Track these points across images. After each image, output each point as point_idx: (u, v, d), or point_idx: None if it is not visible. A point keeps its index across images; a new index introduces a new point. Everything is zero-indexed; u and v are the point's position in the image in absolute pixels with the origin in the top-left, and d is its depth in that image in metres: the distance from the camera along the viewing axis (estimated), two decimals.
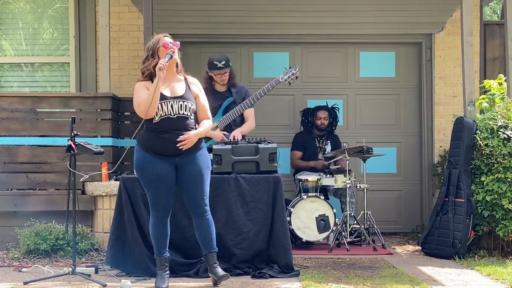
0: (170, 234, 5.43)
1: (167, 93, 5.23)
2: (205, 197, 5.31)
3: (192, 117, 5.26)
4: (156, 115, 5.17)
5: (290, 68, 7.03)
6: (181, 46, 5.48)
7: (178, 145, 5.16)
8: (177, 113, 5.18)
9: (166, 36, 5.35)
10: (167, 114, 5.17)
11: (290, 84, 7.06)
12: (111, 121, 7.31)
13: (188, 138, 5.17)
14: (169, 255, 5.43)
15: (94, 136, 7.21)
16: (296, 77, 7.02)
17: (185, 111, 5.21)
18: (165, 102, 5.17)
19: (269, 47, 8.95)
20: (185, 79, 5.39)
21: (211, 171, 5.52)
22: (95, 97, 7.44)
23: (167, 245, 5.41)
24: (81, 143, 5.68)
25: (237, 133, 6.66)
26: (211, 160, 5.90)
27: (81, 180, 6.54)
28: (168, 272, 5.38)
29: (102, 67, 7.43)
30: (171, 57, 5.19)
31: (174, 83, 5.30)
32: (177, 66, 5.33)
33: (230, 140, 6.48)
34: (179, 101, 5.21)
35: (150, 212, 5.38)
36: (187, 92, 5.29)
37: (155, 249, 5.40)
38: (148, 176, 5.28)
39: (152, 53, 5.26)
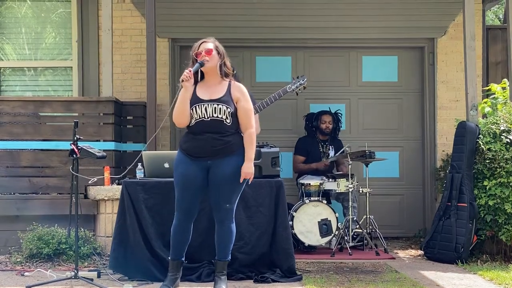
0: None
1: (203, 96, 5.14)
2: (227, 205, 5.18)
3: (228, 120, 5.11)
4: (192, 118, 5.12)
5: (298, 78, 7.03)
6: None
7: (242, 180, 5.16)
8: (211, 116, 5.09)
9: (205, 41, 5.26)
10: (201, 117, 5.09)
11: (297, 94, 7.09)
12: (114, 125, 7.31)
13: (245, 176, 5.16)
14: (183, 259, 5.37)
15: (97, 140, 7.22)
16: (304, 87, 7.04)
17: (219, 114, 5.09)
18: (199, 105, 5.10)
19: (271, 51, 8.95)
20: (230, 83, 5.25)
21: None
22: (97, 101, 7.44)
23: (185, 250, 5.33)
24: (83, 147, 5.69)
25: None
26: None
27: (87, 184, 6.56)
28: (178, 276, 5.33)
29: (105, 71, 7.42)
30: (201, 65, 5.10)
31: (214, 87, 5.20)
32: (221, 71, 5.20)
33: None
34: (213, 103, 5.10)
35: (175, 214, 5.30)
36: (226, 95, 5.16)
37: (171, 251, 5.32)
38: (177, 176, 5.21)
39: (191, 61, 5.19)
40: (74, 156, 5.64)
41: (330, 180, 7.59)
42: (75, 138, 5.64)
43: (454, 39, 8.65)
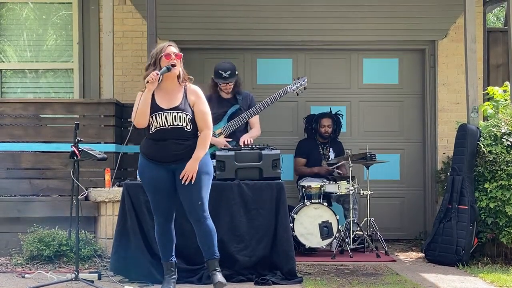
0: None
1: (162, 104, 5.17)
2: (200, 203, 5.20)
3: (188, 127, 5.17)
4: (152, 126, 5.16)
5: (298, 78, 7.03)
6: (185, 52, 5.47)
7: (182, 180, 5.14)
8: (171, 124, 5.13)
9: (171, 45, 5.26)
10: (161, 125, 5.13)
11: (298, 94, 7.09)
12: (115, 127, 7.31)
13: (187, 172, 5.14)
14: (175, 259, 5.42)
15: (98, 142, 7.21)
16: (305, 88, 7.03)
17: (180, 121, 5.14)
18: (159, 114, 5.13)
19: (272, 53, 8.95)
20: (185, 88, 5.27)
21: (214, 177, 5.49)
22: (98, 103, 7.45)
23: (173, 251, 5.40)
24: (84, 149, 5.68)
25: (247, 138, 6.66)
26: (214, 166, 5.85)
27: (80, 196, 6.55)
28: (175, 277, 5.38)
29: (106, 73, 7.43)
30: (168, 70, 5.13)
31: (172, 94, 5.22)
32: (179, 78, 5.23)
33: (240, 145, 6.50)
34: (173, 112, 5.14)
35: (154, 218, 5.38)
36: (184, 102, 5.19)
37: (161, 254, 5.41)
38: (146, 182, 5.29)
39: (154, 62, 5.20)
40: (75, 158, 5.63)
41: (331, 182, 7.60)
42: (76, 140, 5.64)
43: (455, 42, 8.65)
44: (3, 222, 7.05)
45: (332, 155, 8.17)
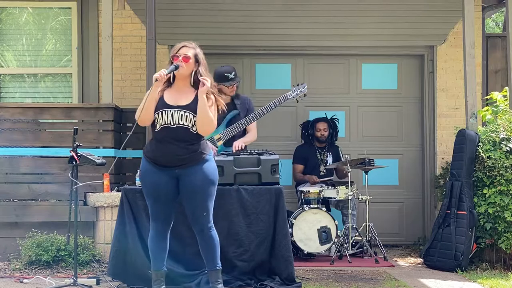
0: (171, 246, 5.33)
1: (170, 101, 5.08)
2: (205, 213, 5.10)
3: (194, 128, 5.06)
4: (157, 123, 5.06)
5: (298, 85, 7.03)
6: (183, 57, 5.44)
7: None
8: (176, 123, 5.02)
9: (187, 46, 5.14)
10: (166, 123, 5.03)
11: (297, 101, 7.09)
12: (113, 132, 7.30)
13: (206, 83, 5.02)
14: (165, 268, 5.30)
15: (96, 147, 7.21)
16: (304, 95, 7.03)
17: (186, 121, 5.03)
18: (166, 111, 5.03)
19: (271, 58, 8.97)
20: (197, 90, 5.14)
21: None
22: (97, 108, 7.43)
23: (165, 260, 5.28)
24: (83, 154, 5.69)
25: (239, 143, 6.64)
26: None
27: (87, 191, 6.54)
28: (163, 287, 5.26)
29: (105, 78, 7.42)
30: (175, 68, 5.04)
31: (183, 94, 5.12)
32: (193, 80, 5.09)
33: (233, 151, 6.47)
34: (180, 111, 5.04)
35: (150, 224, 5.28)
36: (193, 103, 5.08)
37: (152, 262, 5.27)
38: (146, 186, 5.15)
39: (169, 61, 5.14)
40: (74, 163, 5.64)
41: (330, 187, 7.60)
42: (75, 144, 5.64)
43: (454, 47, 8.67)
44: (2, 227, 7.04)
45: (330, 160, 8.17)
